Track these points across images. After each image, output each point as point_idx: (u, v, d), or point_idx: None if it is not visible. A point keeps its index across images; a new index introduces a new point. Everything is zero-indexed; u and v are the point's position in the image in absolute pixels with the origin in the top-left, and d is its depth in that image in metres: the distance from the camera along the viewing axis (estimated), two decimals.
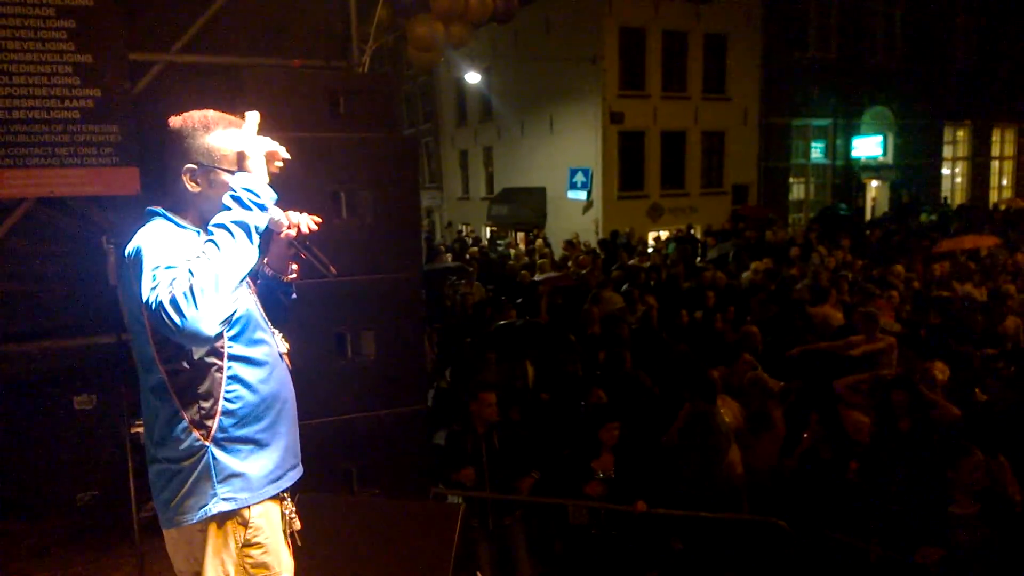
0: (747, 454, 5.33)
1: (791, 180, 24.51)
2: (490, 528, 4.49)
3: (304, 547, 3.12)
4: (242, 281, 1.82)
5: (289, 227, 2.17)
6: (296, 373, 3.87)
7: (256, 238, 1.85)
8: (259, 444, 2.00)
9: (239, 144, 1.98)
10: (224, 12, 5.32)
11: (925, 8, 23.50)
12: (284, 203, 3.90)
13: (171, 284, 1.68)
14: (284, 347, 2.21)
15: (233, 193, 1.87)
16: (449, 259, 13.89)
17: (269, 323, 2.17)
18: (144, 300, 1.70)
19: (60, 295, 4.39)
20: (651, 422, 5.37)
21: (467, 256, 15.34)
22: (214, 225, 1.81)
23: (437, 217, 29.16)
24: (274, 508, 2.07)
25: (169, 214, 1.97)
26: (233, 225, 1.80)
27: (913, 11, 23.73)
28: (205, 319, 1.67)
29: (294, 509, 2.16)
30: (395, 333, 4.06)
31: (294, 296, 2.35)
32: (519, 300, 9.91)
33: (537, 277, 11.22)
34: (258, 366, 2.03)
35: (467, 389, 5.04)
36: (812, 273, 11.08)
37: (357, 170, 4.04)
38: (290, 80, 4.41)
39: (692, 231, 19.42)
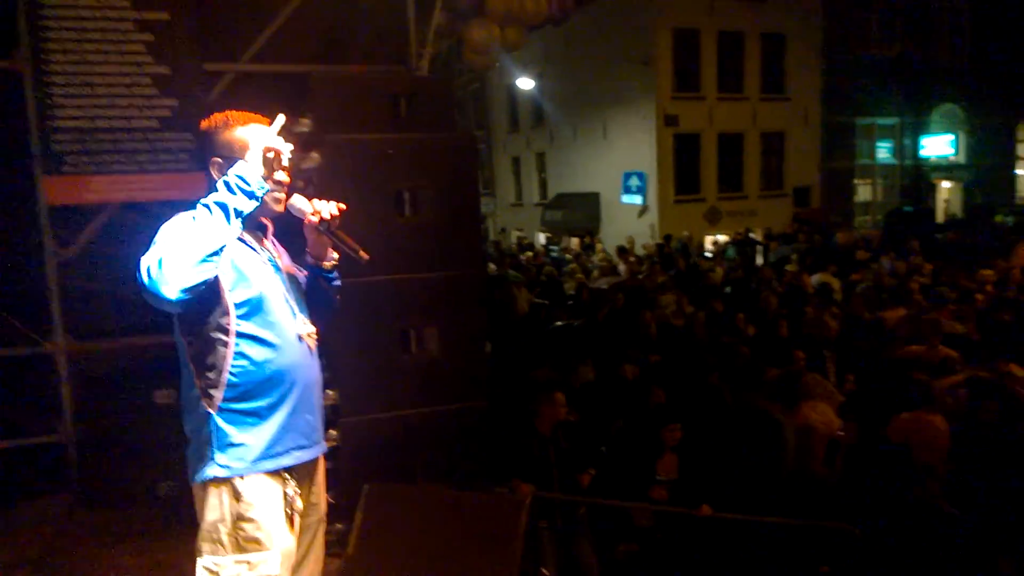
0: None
1: (856, 181, 23.86)
2: (559, 528, 4.49)
3: (371, 534, 3.21)
4: (212, 256, 1.92)
5: (312, 214, 2.30)
6: (361, 368, 4.01)
7: (235, 219, 1.98)
8: (260, 418, 2.10)
9: (247, 136, 2.15)
10: (290, 22, 5.53)
11: (993, 1, 22.63)
12: (350, 201, 4.03)
13: (150, 252, 1.89)
14: (306, 330, 2.28)
15: (224, 177, 2.02)
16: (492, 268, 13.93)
17: (297, 307, 2.28)
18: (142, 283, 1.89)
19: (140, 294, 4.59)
20: (717, 425, 5.30)
21: (522, 260, 15.39)
22: (199, 203, 1.98)
23: (490, 223, 29.34)
24: (273, 486, 2.12)
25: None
26: (214, 204, 1.96)
27: (981, 4, 22.88)
28: (166, 283, 1.84)
29: (298, 490, 2.19)
30: (458, 329, 4.13)
31: (337, 283, 2.48)
32: (570, 303, 9.91)
33: (602, 285, 11.14)
34: (266, 346, 2.12)
35: (529, 391, 5.06)
36: (874, 277, 10.77)
37: (419, 170, 4.13)
38: (353, 85, 4.55)
39: (751, 234, 19.08)
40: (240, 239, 2.14)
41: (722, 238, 19.62)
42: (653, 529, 4.76)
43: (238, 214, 1.99)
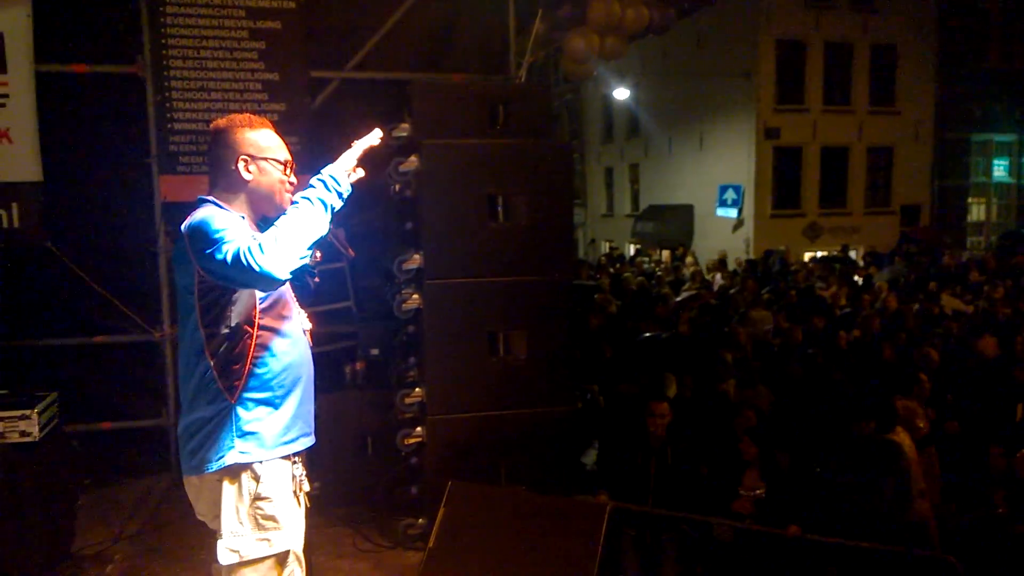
0: None
1: (970, 200, 22.48)
2: (647, 542, 4.39)
3: (452, 531, 3.23)
4: (314, 244, 2.12)
5: None
6: (449, 368, 4.05)
7: (330, 215, 2.16)
8: (275, 407, 2.20)
9: (269, 138, 2.26)
10: (392, 32, 5.69)
11: None
12: (442, 205, 4.09)
13: (251, 238, 2.01)
14: (308, 325, 2.40)
15: (320, 176, 2.19)
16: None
17: (298, 302, 2.38)
18: (218, 258, 1.99)
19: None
20: (810, 445, 5.08)
21: (611, 271, 15.25)
22: (301, 196, 2.15)
23: (580, 234, 29.26)
24: (285, 468, 2.23)
25: (218, 201, 2.21)
26: (316, 199, 2.14)
27: None
28: (280, 265, 2.00)
29: (304, 472, 2.31)
30: (546, 334, 4.12)
31: (317, 279, 2.55)
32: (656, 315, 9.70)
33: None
34: (284, 337, 2.24)
35: (630, 402, 4.95)
36: (986, 301, 10.06)
37: (513, 175, 4.15)
38: (451, 92, 4.63)
39: (849, 252, 18.23)
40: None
41: (820, 254, 18.86)
42: (734, 545, 4.59)
43: (331, 210, 2.17)
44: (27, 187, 4.99)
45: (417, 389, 4.14)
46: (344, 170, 2.24)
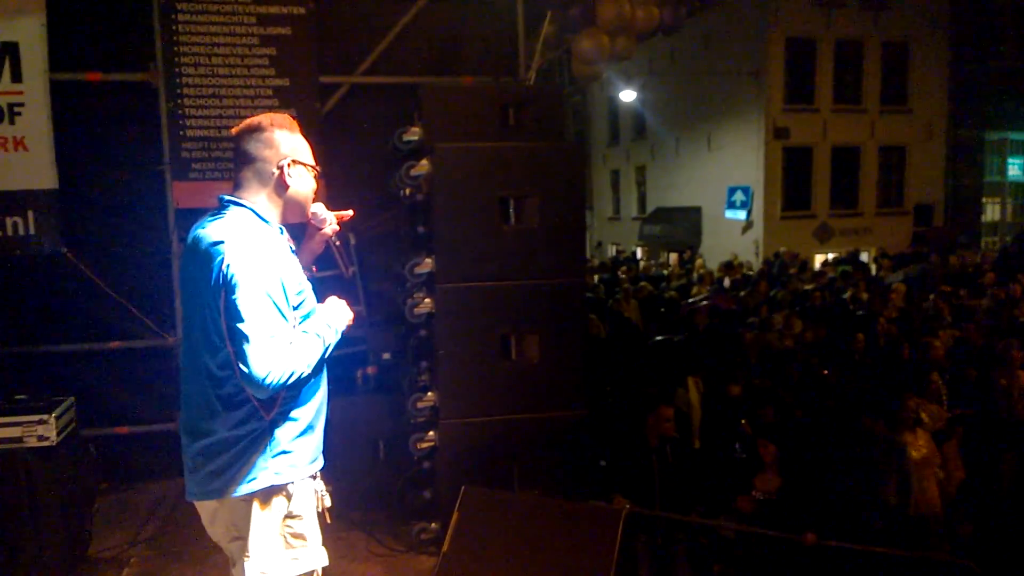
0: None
1: (984, 200, 22.29)
2: (657, 544, 4.38)
3: (466, 535, 3.22)
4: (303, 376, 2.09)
5: (328, 223, 2.35)
6: (461, 372, 4.05)
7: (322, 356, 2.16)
8: (309, 424, 2.15)
9: (301, 142, 2.20)
10: (401, 36, 5.71)
11: None
12: (454, 209, 4.09)
13: (275, 363, 1.94)
14: None
15: (329, 323, 2.19)
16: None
17: None
18: (246, 365, 1.91)
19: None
20: (820, 445, 5.05)
21: (619, 274, 15.21)
22: (316, 334, 2.12)
23: (587, 237, 29.21)
24: (311, 485, 2.18)
25: (256, 210, 2.10)
26: (323, 343, 2.13)
27: None
28: (268, 387, 1.95)
29: (325, 488, 2.25)
30: (558, 337, 4.11)
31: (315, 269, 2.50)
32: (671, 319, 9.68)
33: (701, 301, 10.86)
34: None
35: (636, 403, 4.96)
36: (993, 302, 9.98)
37: (525, 178, 4.15)
38: (463, 95, 4.64)
39: (860, 254, 18.10)
40: (290, 248, 2.19)
41: (831, 256, 18.74)
42: (748, 546, 4.58)
43: (326, 350, 2.17)
44: (43, 194, 5.03)
45: (429, 393, 4.15)
46: (343, 320, 2.27)
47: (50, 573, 3.73)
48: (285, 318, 2.01)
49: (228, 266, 1.94)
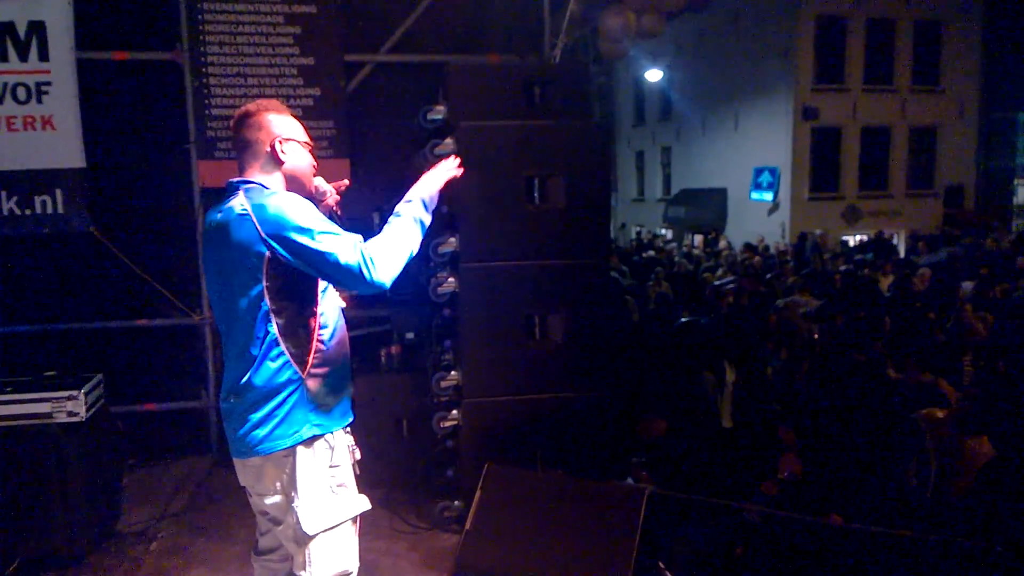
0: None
1: (1017, 182, 21.75)
2: (680, 525, 4.37)
3: (489, 513, 3.23)
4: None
5: (329, 194, 2.51)
6: (485, 351, 4.05)
7: (422, 234, 2.33)
8: (339, 379, 2.30)
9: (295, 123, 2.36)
10: (426, 14, 5.65)
11: None
12: (478, 188, 4.06)
13: (361, 245, 2.13)
14: (342, 303, 2.47)
15: (410, 197, 2.35)
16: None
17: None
18: (322, 253, 2.08)
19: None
20: (848, 429, 4.99)
21: (643, 256, 15.13)
22: (398, 212, 2.30)
23: (611, 218, 29.03)
24: (344, 438, 2.32)
25: (262, 182, 2.26)
26: (412, 217, 2.31)
27: None
28: (389, 277, 2.17)
29: (353, 441, 2.38)
30: (582, 317, 4.08)
31: None
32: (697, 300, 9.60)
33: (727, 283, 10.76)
34: (337, 314, 2.35)
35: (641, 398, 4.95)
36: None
37: (550, 157, 4.10)
38: (488, 73, 4.59)
39: (889, 235, 17.79)
40: None
41: (861, 238, 18.48)
42: (765, 528, 4.55)
43: (423, 228, 2.34)
44: (70, 173, 5.08)
45: (453, 372, 4.15)
46: (430, 194, 2.39)
47: (79, 547, 3.80)
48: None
49: (264, 219, 2.10)
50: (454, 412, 4.12)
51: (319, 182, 2.47)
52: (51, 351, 5.23)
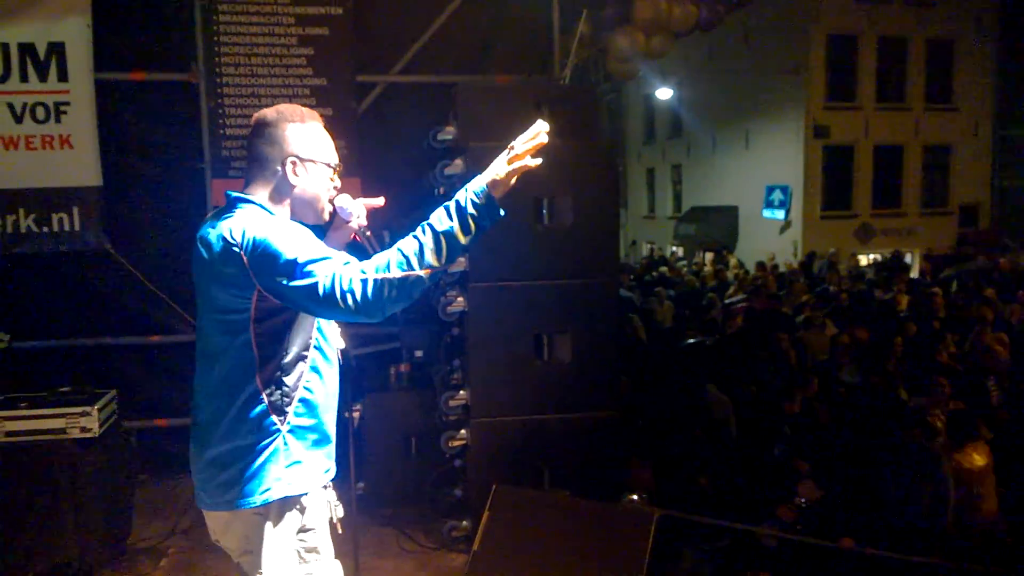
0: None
1: None
2: (690, 548, 4.34)
3: (497, 534, 3.23)
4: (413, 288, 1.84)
5: (356, 216, 2.17)
6: (493, 371, 4.06)
7: (462, 244, 1.93)
8: (321, 433, 2.04)
9: (321, 134, 2.03)
10: (437, 35, 5.72)
11: None
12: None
13: (349, 268, 1.79)
14: (341, 344, 2.20)
15: (456, 197, 1.94)
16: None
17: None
18: (302, 287, 1.77)
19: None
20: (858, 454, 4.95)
21: (654, 275, 15.10)
22: (435, 230, 1.88)
23: (621, 236, 29.03)
24: (322, 496, 2.09)
25: (265, 204, 1.99)
26: (445, 230, 1.90)
27: None
28: (380, 310, 1.78)
29: (336, 497, 2.16)
30: (591, 337, 4.09)
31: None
32: (706, 320, 9.58)
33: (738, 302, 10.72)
34: (328, 360, 2.07)
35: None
36: None
37: (559, 177, 4.13)
38: (497, 94, 4.64)
39: (903, 255, 17.66)
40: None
41: (875, 258, 18.37)
42: (780, 553, 4.50)
43: (458, 241, 1.95)
44: (87, 191, 5.16)
45: (461, 392, 4.16)
46: (487, 182, 1.94)
47: (91, 562, 3.82)
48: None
49: (250, 242, 1.83)
50: (462, 431, 4.13)
51: (345, 201, 2.13)
52: (66, 367, 5.28)
